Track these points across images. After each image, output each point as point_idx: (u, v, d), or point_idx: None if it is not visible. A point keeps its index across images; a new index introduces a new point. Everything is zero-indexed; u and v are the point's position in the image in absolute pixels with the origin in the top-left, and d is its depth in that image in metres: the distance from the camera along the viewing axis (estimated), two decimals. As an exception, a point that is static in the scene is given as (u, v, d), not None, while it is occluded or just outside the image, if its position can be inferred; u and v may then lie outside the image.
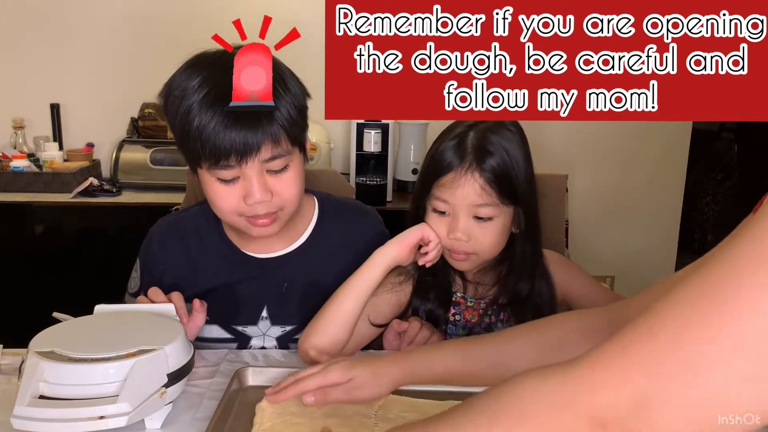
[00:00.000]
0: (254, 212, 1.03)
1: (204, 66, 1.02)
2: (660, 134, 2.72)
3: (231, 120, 0.97)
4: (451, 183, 1.05)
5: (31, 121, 2.48)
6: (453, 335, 1.18)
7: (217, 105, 0.97)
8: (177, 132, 1.03)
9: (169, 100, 1.03)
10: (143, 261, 1.21)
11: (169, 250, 1.18)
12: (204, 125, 0.97)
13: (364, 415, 0.90)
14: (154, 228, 1.23)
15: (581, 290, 1.18)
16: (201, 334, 1.16)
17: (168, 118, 1.06)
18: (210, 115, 0.97)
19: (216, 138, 0.97)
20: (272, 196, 1.03)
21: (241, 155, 0.98)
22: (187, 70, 1.03)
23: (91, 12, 2.46)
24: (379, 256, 1.09)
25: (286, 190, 1.05)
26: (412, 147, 2.41)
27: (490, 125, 1.08)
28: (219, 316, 1.16)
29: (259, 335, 1.18)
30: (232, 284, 1.17)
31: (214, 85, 0.98)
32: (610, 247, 2.75)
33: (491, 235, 1.08)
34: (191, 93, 0.99)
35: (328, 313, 1.08)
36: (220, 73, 0.98)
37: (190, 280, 1.16)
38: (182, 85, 1.01)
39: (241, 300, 1.17)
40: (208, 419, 0.88)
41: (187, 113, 0.99)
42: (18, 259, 2.22)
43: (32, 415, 0.77)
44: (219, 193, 1.03)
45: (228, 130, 0.97)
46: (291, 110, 1.02)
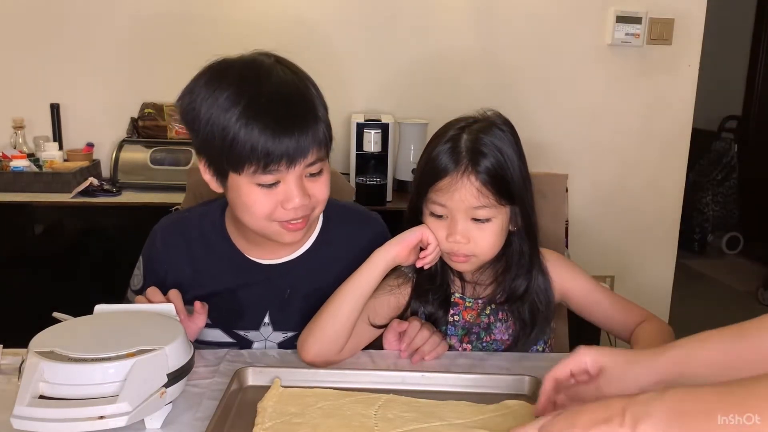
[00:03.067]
0: (290, 216, 1.04)
1: (233, 77, 1.02)
2: (660, 134, 2.72)
3: (281, 127, 0.98)
4: (448, 187, 1.05)
5: (31, 121, 2.48)
6: (452, 336, 1.18)
7: (262, 114, 0.98)
8: (211, 143, 1.01)
9: (193, 112, 1.02)
10: (146, 259, 1.20)
11: (173, 250, 1.18)
12: (252, 135, 0.98)
13: (364, 415, 0.90)
14: (158, 227, 1.22)
15: (580, 290, 1.18)
16: (203, 338, 1.16)
17: (191, 127, 1.05)
18: (256, 124, 0.98)
19: (267, 145, 0.98)
20: (309, 200, 1.05)
21: (291, 160, 1.00)
22: (212, 81, 1.02)
23: (91, 12, 2.45)
24: (379, 256, 1.09)
25: (320, 192, 1.07)
26: (412, 147, 2.41)
27: (482, 126, 1.08)
28: (221, 320, 1.16)
29: (261, 340, 1.18)
30: (236, 289, 1.17)
31: (254, 96, 0.99)
32: (610, 247, 2.75)
33: (490, 236, 1.08)
34: (228, 105, 0.99)
35: (327, 314, 1.08)
36: (255, 83, 1.00)
37: (193, 281, 1.16)
38: (213, 99, 1.00)
39: (244, 305, 1.17)
40: (208, 419, 0.88)
41: (227, 126, 0.98)
42: (18, 259, 2.21)
43: (32, 415, 0.77)
44: (256, 198, 1.03)
45: (278, 136, 0.98)
46: (326, 114, 1.05)
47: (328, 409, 0.91)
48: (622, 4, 2.58)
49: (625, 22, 2.58)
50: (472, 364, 1.10)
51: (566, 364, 0.85)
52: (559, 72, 2.64)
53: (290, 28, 2.50)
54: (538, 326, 1.16)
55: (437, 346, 1.11)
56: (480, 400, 0.95)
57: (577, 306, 1.20)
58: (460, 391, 0.99)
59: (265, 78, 1.02)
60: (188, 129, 1.06)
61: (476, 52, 2.59)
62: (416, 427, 0.87)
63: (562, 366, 0.85)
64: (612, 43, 2.60)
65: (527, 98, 2.62)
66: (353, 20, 2.53)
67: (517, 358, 1.13)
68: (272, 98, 1.00)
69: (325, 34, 2.51)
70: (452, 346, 1.18)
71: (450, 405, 0.94)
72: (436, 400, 0.95)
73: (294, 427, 0.86)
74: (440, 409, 0.93)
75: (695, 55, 2.67)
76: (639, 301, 1.19)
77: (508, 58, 2.61)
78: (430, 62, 2.59)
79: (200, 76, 1.05)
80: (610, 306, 1.17)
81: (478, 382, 1.01)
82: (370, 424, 0.88)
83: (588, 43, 2.62)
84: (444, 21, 2.57)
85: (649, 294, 2.72)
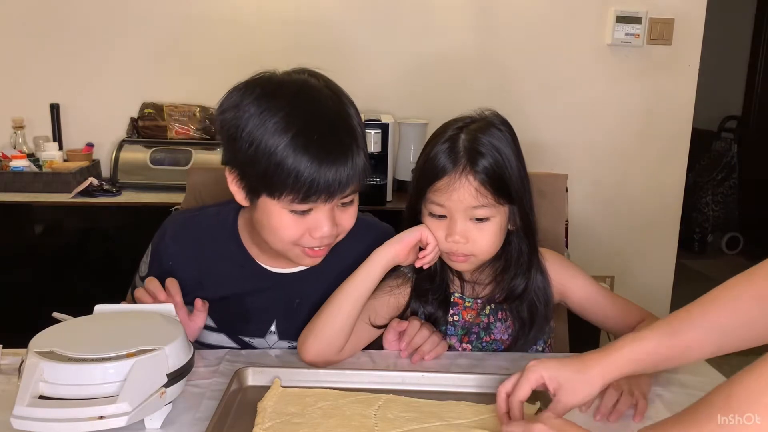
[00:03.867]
0: (315, 244, 1.04)
1: (285, 99, 0.99)
2: (660, 134, 2.72)
3: (326, 161, 0.96)
4: (447, 187, 1.05)
5: (31, 121, 2.48)
6: (452, 336, 1.18)
7: (311, 145, 0.96)
8: (253, 163, 0.98)
9: (236, 129, 0.99)
10: (155, 251, 1.19)
11: (183, 247, 1.16)
12: (298, 165, 0.96)
13: (364, 415, 0.90)
14: (169, 221, 1.21)
15: (579, 290, 1.18)
16: (207, 341, 1.16)
17: (231, 141, 1.01)
18: (304, 156, 0.96)
19: (311, 177, 0.96)
20: (337, 229, 1.04)
21: (330, 194, 0.99)
22: (262, 101, 0.99)
23: (91, 12, 2.45)
24: (378, 256, 1.09)
25: (348, 222, 1.06)
26: (412, 147, 2.41)
27: (479, 126, 1.08)
28: (226, 325, 1.16)
29: (266, 347, 1.17)
30: (243, 295, 1.16)
31: (304, 124, 0.97)
32: (610, 247, 2.75)
33: (489, 236, 1.08)
34: (278, 130, 0.96)
35: (327, 314, 1.08)
36: (306, 110, 0.98)
37: (199, 282, 1.15)
38: (261, 120, 0.97)
39: (251, 311, 1.16)
40: (208, 419, 0.88)
41: (274, 152, 0.96)
42: (18, 259, 2.21)
43: (32, 415, 0.77)
44: (286, 223, 1.01)
45: (323, 170, 0.96)
46: (365, 142, 1.04)
47: (328, 409, 0.91)
48: (622, 4, 2.58)
49: (625, 22, 2.58)
50: (472, 364, 1.10)
51: (525, 384, 0.87)
52: (559, 72, 2.64)
53: (290, 28, 2.50)
54: (537, 325, 1.16)
55: (437, 346, 1.11)
56: (480, 400, 0.95)
57: (577, 306, 1.20)
58: (460, 391, 0.99)
59: (315, 105, 1.00)
60: (226, 142, 1.02)
61: (476, 52, 2.59)
62: (416, 427, 0.87)
63: (522, 386, 0.87)
64: (612, 43, 2.60)
65: (527, 98, 2.62)
66: (353, 20, 2.53)
67: (517, 358, 1.13)
68: (322, 130, 0.98)
69: (325, 34, 2.51)
70: (452, 346, 1.18)
71: (450, 405, 0.94)
72: (436, 400, 0.95)
73: (294, 427, 0.86)
74: (440, 409, 0.93)
75: (695, 55, 2.67)
76: (639, 301, 1.19)
77: (508, 58, 2.61)
78: (430, 62, 2.59)
79: (248, 92, 1.00)
80: (609, 306, 1.17)
81: (478, 382, 1.01)
82: (370, 424, 0.88)
83: (588, 43, 2.62)
84: (444, 21, 2.57)
85: (649, 294, 2.72)
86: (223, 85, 1.04)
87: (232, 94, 1.02)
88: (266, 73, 1.04)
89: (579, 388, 0.86)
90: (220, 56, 2.47)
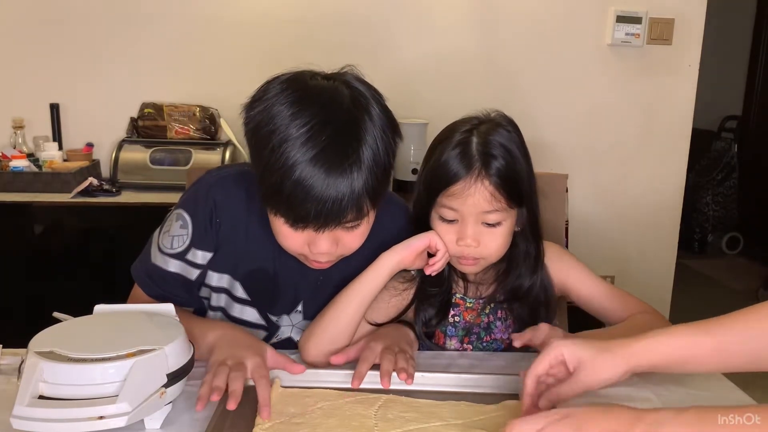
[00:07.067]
0: (316, 258, 1.03)
1: (311, 109, 0.93)
2: (660, 134, 2.72)
3: (325, 180, 0.91)
4: (461, 192, 1.04)
5: (30, 121, 2.48)
6: (453, 336, 1.18)
7: (319, 169, 0.91)
8: (271, 175, 0.94)
9: (264, 129, 0.94)
10: (192, 210, 1.08)
11: (234, 202, 1.09)
12: (294, 190, 0.91)
13: (364, 415, 0.90)
14: (210, 176, 1.12)
15: (579, 282, 1.18)
16: (237, 315, 1.15)
17: (256, 139, 0.97)
18: (299, 185, 0.91)
19: (303, 207, 0.92)
20: (337, 247, 1.01)
21: (320, 225, 0.95)
22: (294, 104, 0.94)
23: (91, 12, 2.45)
24: (385, 260, 1.08)
25: (353, 242, 1.02)
26: (412, 147, 2.41)
27: (489, 128, 1.08)
28: (259, 300, 1.15)
29: (288, 325, 1.17)
30: (277, 270, 1.13)
31: (324, 146, 0.91)
32: (610, 247, 2.75)
33: (499, 239, 1.08)
34: (297, 145, 0.91)
35: (330, 315, 1.08)
36: (314, 143, 0.91)
37: (243, 249, 1.10)
38: (285, 128, 0.92)
39: (281, 289, 1.15)
40: (208, 419, 0.88)
41: (274, 171, 0.92)
42: (18, 259, 2.21)
43: (32, 415, 0.77)
44: (285, 234, 1.00)
45: (310, 199, 0.91)
46: (380, 172, 0.96)
47: (328, 409, 0.91)
48: (622, 4, 2.58)
49: (625, 22, 2.58)
50: (472, 364, 1.10)
51: (544, 358, 0.86)
52: (559, 72, 2.64)
53: (290, 27, 2.50)
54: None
55: (408, 366, 1.00)
56: (480, 400, 0.95)
57: (576, 297, 1.19)
58: (460, 391, 0.99)
59: (328, 130, 0.92)
60: (252, 139, 0.98)
61: (476, 52, 2.59)
62: (416, 427, 0.87)
63: (541, 361, 0.86)
64: (612, 43, 2.60)
65: (527, 98, 2.62)
66: (353, 20, 2.53)
67: (517, 358, 1.13)
68: (326, 162, 0.91)
69: (325, 34, 2.51)
70: (453, 347, 1.17)
71: (450, 405, 0.94)
72: (436, 400, 0.95)
73: (294, 427, 0.86)
74: (440, 409, 0.93)
75: (695, 55, 2.67)
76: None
77: (508, 57, 2.61)
78: (430, 62, 2.59)
79: (281, 89, 0.96)
80: (607, 297, 1.16)
81: (478, 382, 1.01)
82: (370, 424, 0.88)
83: (588, 43, 2.62)
84: (444, 21, 2.57)
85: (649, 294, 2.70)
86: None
87: (265, 92, 0.97)
88: (300, 69, 1.00)
89: (601, 368, 0.83)
90: (220, 56, 2.47)
